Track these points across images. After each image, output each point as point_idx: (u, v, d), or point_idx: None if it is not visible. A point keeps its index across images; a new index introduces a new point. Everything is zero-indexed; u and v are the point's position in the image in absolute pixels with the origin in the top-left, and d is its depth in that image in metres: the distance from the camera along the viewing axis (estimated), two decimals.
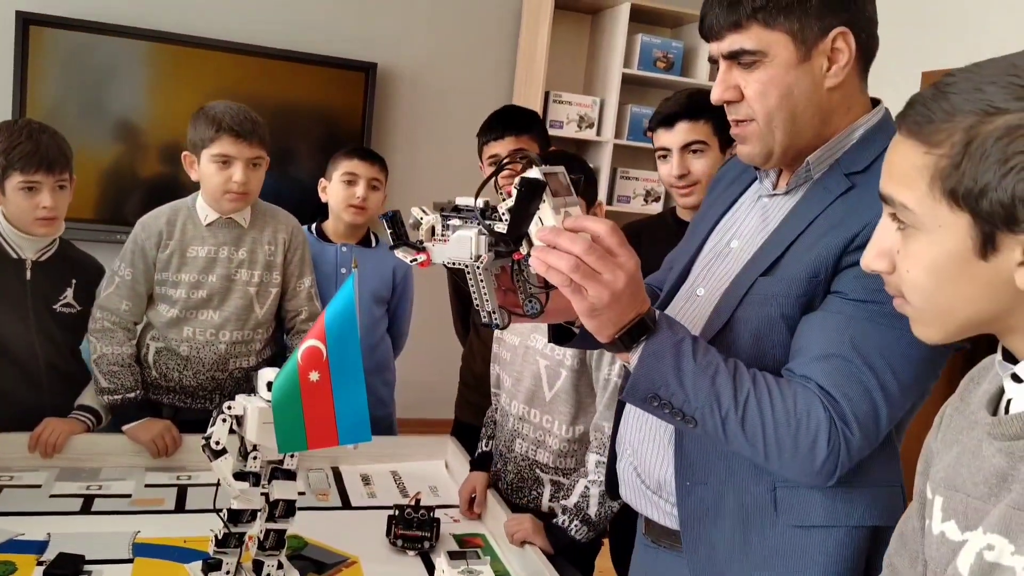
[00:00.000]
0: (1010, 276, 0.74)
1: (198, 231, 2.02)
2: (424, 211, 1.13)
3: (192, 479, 1.87)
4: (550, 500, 1.71)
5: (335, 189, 2.33)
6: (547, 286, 1.06)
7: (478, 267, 1.04)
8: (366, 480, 1.97)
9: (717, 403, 1.04)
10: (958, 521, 0.83)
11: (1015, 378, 0.78)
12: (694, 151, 1.91)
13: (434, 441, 2.17)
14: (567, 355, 1.67)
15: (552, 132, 4.24)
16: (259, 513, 1.45)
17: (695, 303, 1.25)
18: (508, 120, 2.20)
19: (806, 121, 1.14)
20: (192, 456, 1.93)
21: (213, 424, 1.44)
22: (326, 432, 1.42)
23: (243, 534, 1.45)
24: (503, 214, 1.02)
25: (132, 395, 1.96)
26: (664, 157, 1.96)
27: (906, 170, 0.77)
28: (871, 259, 0.85)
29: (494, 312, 1.07)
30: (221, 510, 1.46)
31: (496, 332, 1.84)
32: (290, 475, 1.49)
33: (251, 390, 1.52)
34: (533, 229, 1.02)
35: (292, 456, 1.47)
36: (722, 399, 1.04)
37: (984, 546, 0.76)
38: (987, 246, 0.74)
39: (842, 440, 1.04)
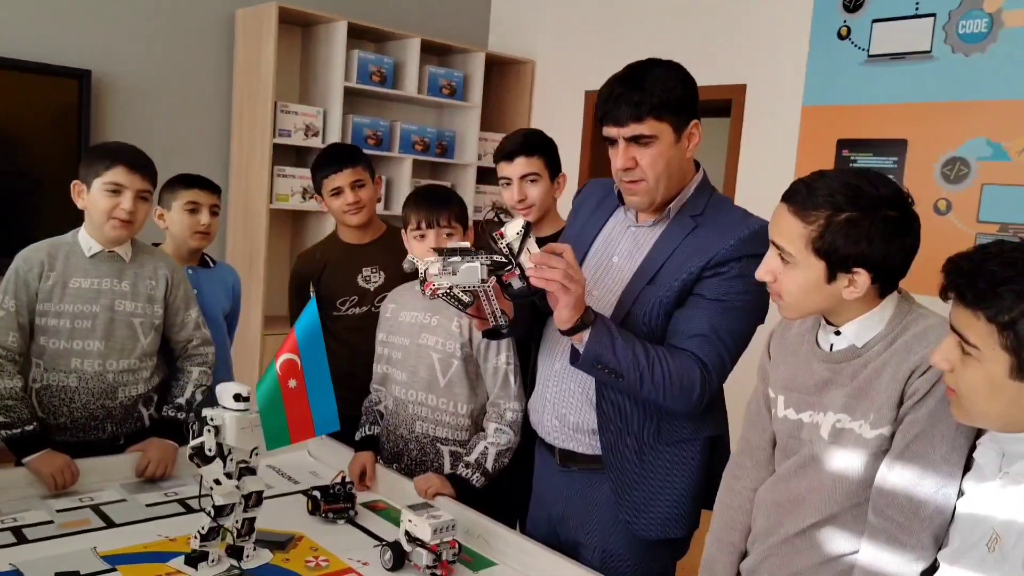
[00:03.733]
0: (840, 292, 1.36)
1: (80, 263, 2.07)
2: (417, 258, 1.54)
3: (96, 499, 1.96)
4: (451, 467, 2.11)
5: (178, 217, 2.48)
6: (530, 293, 1.52)
7: (488, 287, 1.47)
8: None
9: (636, 365, 1.59)
10: (795, 408, 1.48)
11: (836, 333, 1.43)
12: (531, 180, 2.37)
13: None
14: (456, 348, 2.08)
15: (281, 140, 4.48)
16: (236, 505, 1.70)
17: (591, 301, 1.76)
18: (343, 155, 2.53)
19: (676, 181, 1.72)
20: (85, 479, 2.02)
21: (196, 436, 1.66)
22: (304, 427, 1.73)
23: (222, 526, 1.69)
24: (503, 247, 1.45)
25: (30, 427, 1.99)
26: (507, 184, 2.41)
27: (789, 233, 1.37)
28: (762, 273, 1.43)
29: (499, 318, 1.50)
30: (206, 508, 1.68)
31: (383, 336, 2.21)
32: (254, 471, 1.75)
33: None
34: (523, 257, 1.47)
35: (255, 456, 1.73)
36: (639, 363, 1.59)
37: (835, 420, 1.40)
38: (831, 278, 1.36)
39: (707, 385, 1.66)
